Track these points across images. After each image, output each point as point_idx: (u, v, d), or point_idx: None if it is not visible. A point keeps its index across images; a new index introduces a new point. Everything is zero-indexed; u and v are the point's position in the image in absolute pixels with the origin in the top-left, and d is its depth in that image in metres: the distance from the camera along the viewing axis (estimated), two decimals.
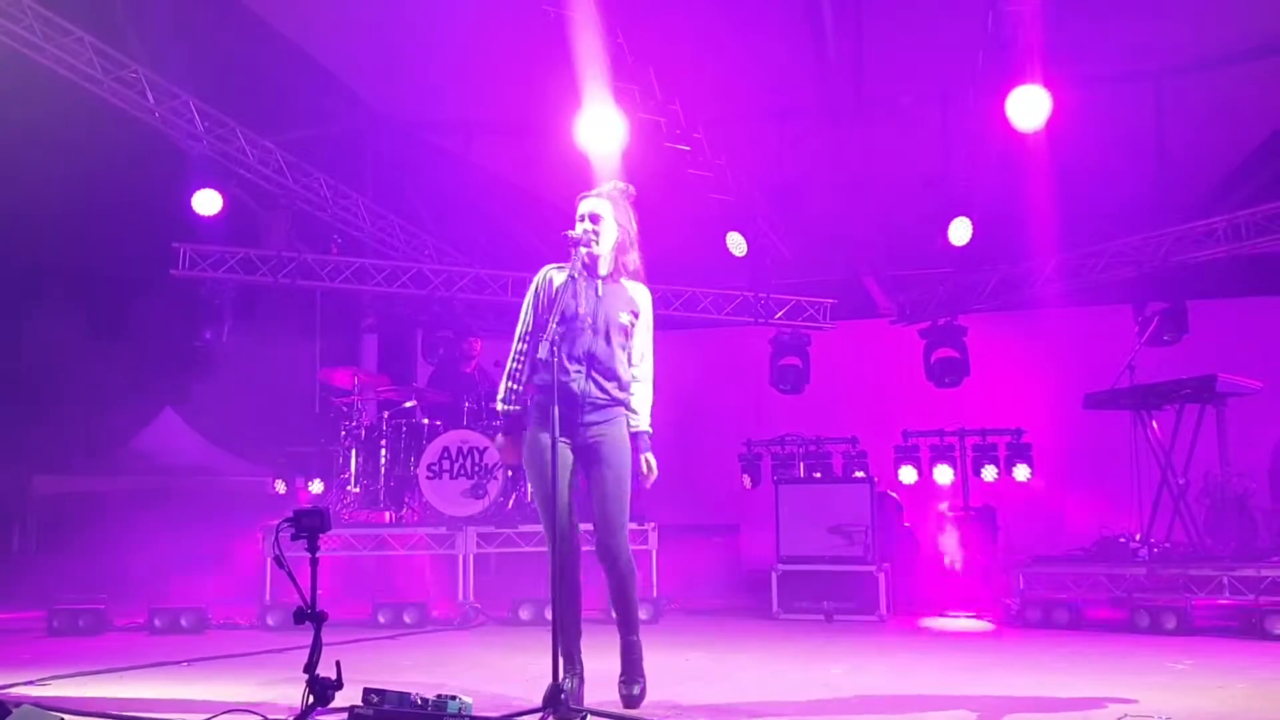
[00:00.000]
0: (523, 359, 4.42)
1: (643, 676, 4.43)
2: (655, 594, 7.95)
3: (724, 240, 9.62)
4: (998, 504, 9.84)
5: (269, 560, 7.72)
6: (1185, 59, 9.11)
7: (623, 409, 4.45)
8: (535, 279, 4.50)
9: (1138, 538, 7.37)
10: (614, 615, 4.52)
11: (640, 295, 4.51)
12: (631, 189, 4.59)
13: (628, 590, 4.46)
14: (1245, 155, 9.80)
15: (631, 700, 4.33)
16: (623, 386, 4.43)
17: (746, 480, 10.55)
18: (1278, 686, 4.77)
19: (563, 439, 4.30)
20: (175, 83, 8.51)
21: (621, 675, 4.42)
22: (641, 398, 4.51)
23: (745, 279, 10.46)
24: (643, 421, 4.49)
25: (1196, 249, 9.24)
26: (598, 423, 4.37)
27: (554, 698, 3.93)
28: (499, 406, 4.49)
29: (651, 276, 4.66)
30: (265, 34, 8.98)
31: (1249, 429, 8.99)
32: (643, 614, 7.55)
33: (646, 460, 4.48)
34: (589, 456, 4.39)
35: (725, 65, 9.02)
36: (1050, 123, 7.65)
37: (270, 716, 3.96)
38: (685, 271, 10.62)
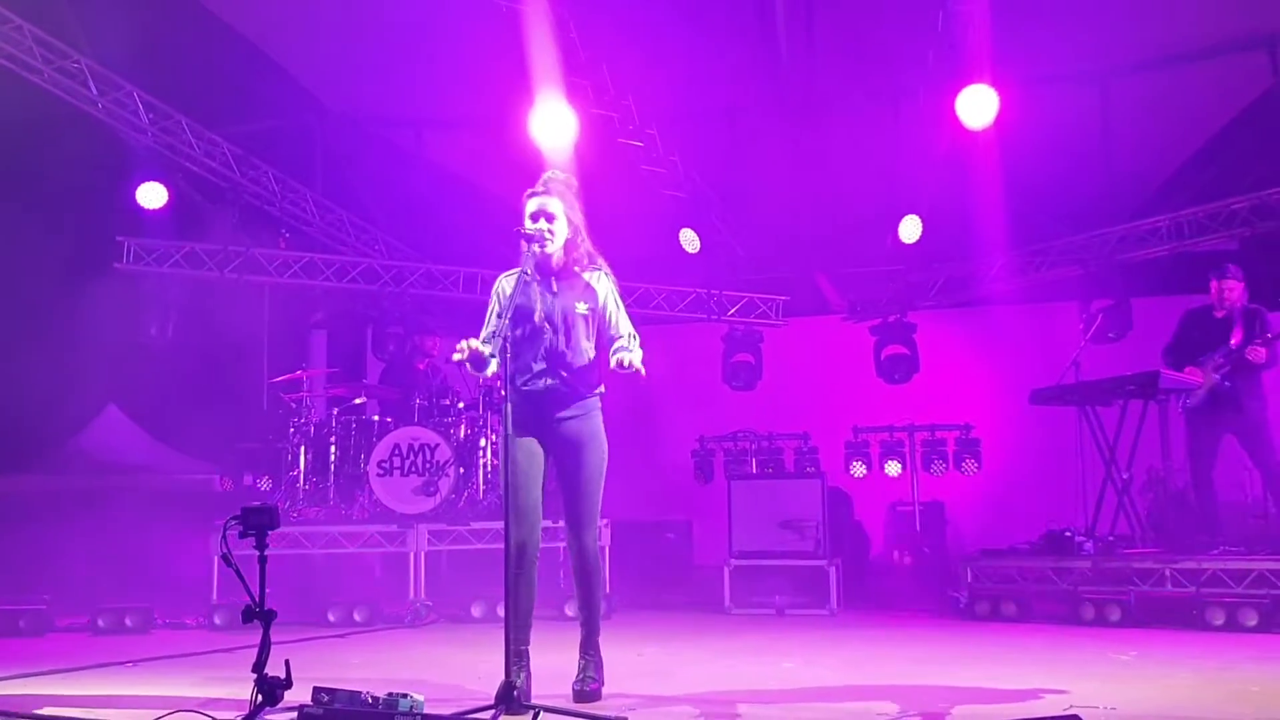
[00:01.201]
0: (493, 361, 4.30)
1: (601, 673, 4.43)
2: (608, 590, 7.94)
3: (677, 237, 9.64)
4: (946, 498, 9.97)
5: (216, 558, 7.60)
6: (1131, 60, 9.28)
7: (596, 400, 4.44)
8: (494, 289, 4.50)
9: (1083, 531, 7.49)
10: (578, 610, 4.52)
11: (597, 282, 4.50)
12: (574, 181, 4.56)
13: (594, 585, 4.45)
14: (1188, 156, 9.99)
15: (586, 696, 4.33)
16: (591, 379, 4.42)
17: (699, 476, 10.58)
18: (1218, 676, 4.87)
19: (533, 437, 4.30)
20: (120, 74, 8.36)
21: (579, 671, 4.41)
22: (633, 344, 4.40)
23: (698, 276, 10.49)
24: (635, 357, 4.31)
25: (1140, 247, 9.41)
26: (571, 417, 4.37)
27: (506, 694, 3.92)
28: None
29: None
30: (213, 26, 8.85)
31: None
32: None
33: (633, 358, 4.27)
34: (563, 450, 4.38)
35: (678, 62, 9.04)
36: (999, 122, 7.76)
37: (218, 716, 3.90)
38: (638, 268, 10.61)
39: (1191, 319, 7.65)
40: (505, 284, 4.41)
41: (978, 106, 7.62)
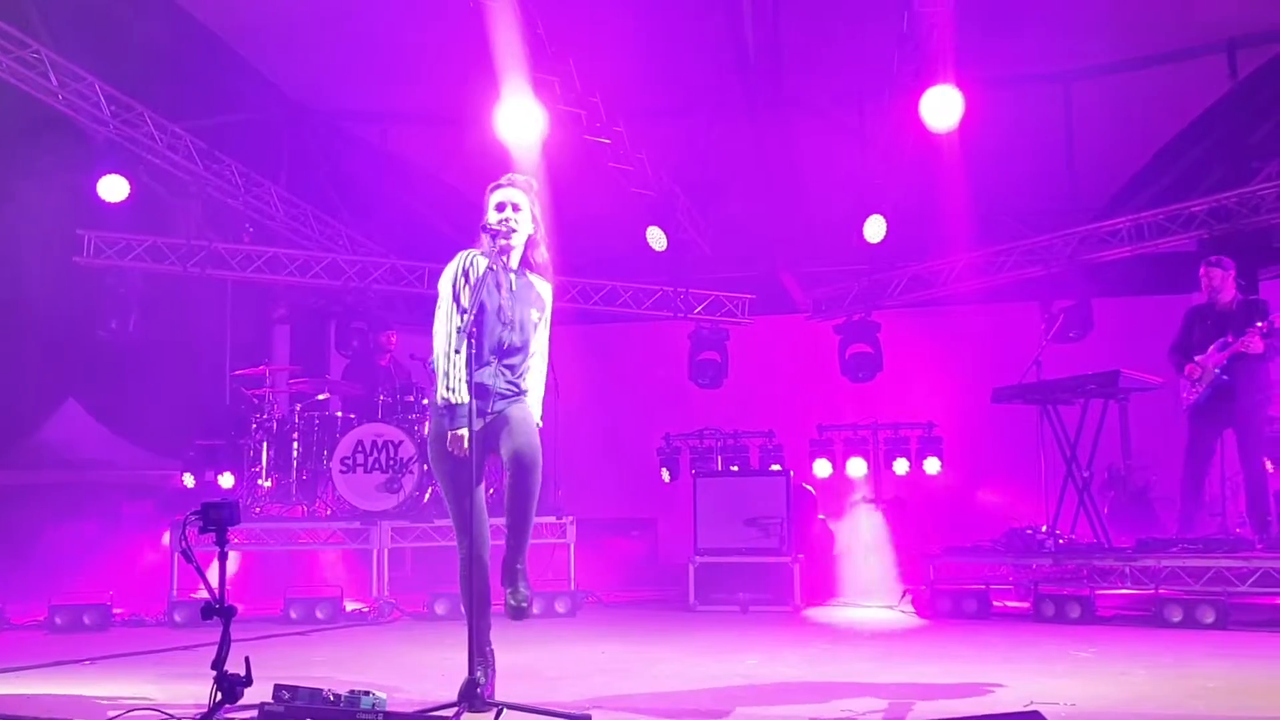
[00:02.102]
0: (464, 345, 4.10)
1: (529, 587, 4.19)
2: (573, 587, 7.95)
3: (644, 235, 9.64)
4: (909, 496, 10.02)
5: (176, 555, 7.53)
6: (1092, 64, 9.39)
7: (525, 398, 4.39)
8: (458, 263, 4.29)
9: (1044, 529, 7.56)
10: (507, 522, 4.18)
11: (546, 292, 4.46)
12: (535, 182, 4.52)
13: (531, 494, 4.16)
14: (1149, 158, 10.13)
15: (520, 611, 4.10)
16: (525, 380, 4.39)
17: (665, 474, 10.60)
18: (1175, 672, 4.93)
19: (468, 430, 4.20)
20: (81, 65, 8.23)
21: (507, 586, 4.15)
22: (536, 393, 4.43)
23: (665, 274, 10.50)
24: (536, 415, 4.40)
25: (1101, 248, 9.51)
26: (505, 405, 4.27)
27: (469, 692, 3.91)
28: (453, 398, 4.14)
29: (571, 269, 4.65)
30: (177, 18, 8.76)
31: (1150, 423, 9.32)
32: (560, 607, 7.65)
33: None
34: (495, 427, 4.22)
35: (646, 60, 9.03)
36: (963, 124, 7.81)
37: (176, 714, 3.86)
38: (605, 265, 10.63)
39: (1194, 315, 7.61)
40: (474, 266, 4.25)
41: (942, 108, 7.66)
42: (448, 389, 4.16)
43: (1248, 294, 7.55)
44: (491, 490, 4.60)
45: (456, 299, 4.24)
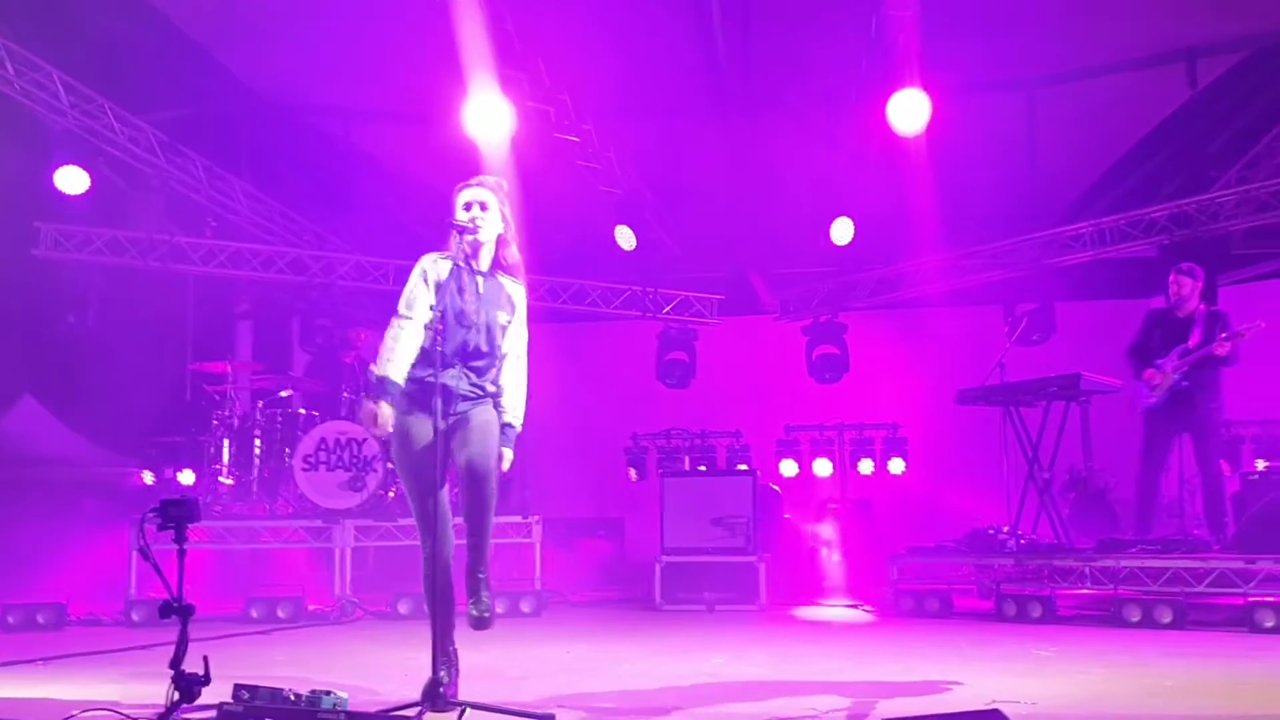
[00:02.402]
0: (404, 332, 4.14)
1: (491, 596, 4.17)
2: (539, 587, 7.91)
3: (612, 234, 9.63)
4: (874, 496, 10.10)
5: (134, 553, 7.42)
6: (1055, 71, 9.49)
7: (493, 401, 4.33)
8: (423, 263, 4.27)
9: (1006, 530, 7.62)
10: (468, 537, 4.16)
11: (517, 293, 4.40)
12: (505, 183, 4.50)
13: (486, 504, 4.13)
14: (1110, 165, 10.26)
15: (482, 621, 4.08)
16: (496, 383, 4.33)
17: (632, 473, 10.59)
18: (1133, 671, 4.99)
19: (431, 430, 4.16)
20: (38, 54, 8.11)
21: (470, 596, 4.13)
22: (513, 396, 4.36)
23: (634, 273, 10.49)
24: (514, 418, 4.34)
25: (1064, 252, 9.60)
26: (465, 411, 4.23)
27: (432, 691, 3.88)
28: (378, 370, 4.13)
29: (540, 268, 4.62)
30: (137, 8, 8.63)
31: (1111, 425, 9.43)
32: (525, 606, 7.62)
33: (503, 454, 4.26)
34: (456, 429, 4.18)
35: (616, 59, 9.03)
36: (929, 128, 7.86)
37: (133, 715, 3.80)
38: (573, 264, 10.60)
39: (1153, 319, 7.73)
40: (437, 267, 4.24)
41: (909, 111, 7.71)
42: (376, 363, 4.17)
43: (1210, 304, 7.66)
44: (456, 489, 4.54)
45: (417, 296, 4.20)
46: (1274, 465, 8.30)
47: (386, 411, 4.10)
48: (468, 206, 4.31)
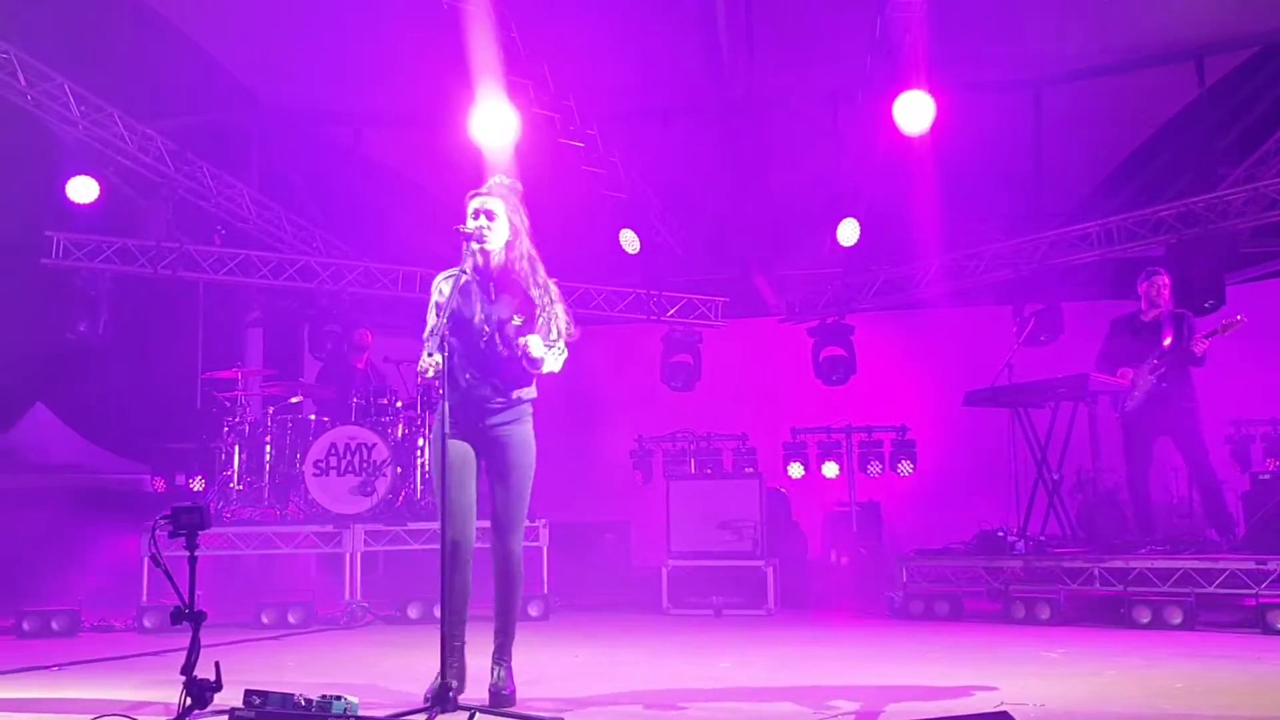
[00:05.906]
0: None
1: (513, 680, 4.39)
2: (545, 590, 7.93)
3: (617, 237, 9.64)
4: (882, 499, 10.08)
5: (146, 559, 7.46)
6: (1062, 70, 9.47)
7: (528, 407, 4.44)
8: (433, 286, 4.45)
9: (1015, 531, 7.62)
10: (497, 615, 4.47)
11: (534, 294, 4.47)
12: (519, 185, 4.55)
13: (515, 591, 4.46)
14: (1118, 163, 10.23)
15: (502, 699, 4.28)
16: (523, 386, 4.41)
17: (638, 477, 10.59)
18: (1143, 672, 4.99)
19: (465, 441, 4.29)
20: (50, 65, 8.15)
21: (493, 677, 4.36)
22: (547, 359, 4.29)
23: (638, 276, 10.50)
24: (540, 349, 4.25)
25: (1071, 252, 9.58)
26: (502, 423, 4.37)
27: (442, 696, 3.91)
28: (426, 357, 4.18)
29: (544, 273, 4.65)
30: (147, 18, 8.68)
31: (1119, 426, 9.39)
32: (533, 610, 7.63)
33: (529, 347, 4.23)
34: (493, 452, 4.39)
35: (619, 62, 9.05)
36: (935, 127, 7.86)
37: None
38: (578, 268, 10.59)
39: (1120, 325, 7.82)
40: (445, 284, 4.38)
41: (914, 112, 7.71)
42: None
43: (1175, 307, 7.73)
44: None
45: (428, 328, 4.33)
46: None
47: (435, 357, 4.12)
48: (475, 215, 4.40)
